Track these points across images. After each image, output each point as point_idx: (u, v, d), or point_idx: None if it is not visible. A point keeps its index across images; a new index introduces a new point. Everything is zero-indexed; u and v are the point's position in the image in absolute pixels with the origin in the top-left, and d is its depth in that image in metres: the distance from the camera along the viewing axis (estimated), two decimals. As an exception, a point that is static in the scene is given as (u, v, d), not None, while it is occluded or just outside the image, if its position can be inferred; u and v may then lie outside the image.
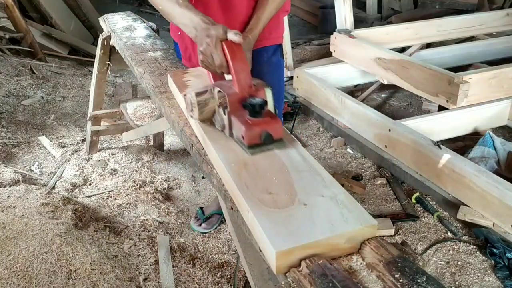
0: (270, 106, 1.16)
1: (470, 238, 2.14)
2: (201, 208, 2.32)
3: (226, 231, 2.22)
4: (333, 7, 3.59)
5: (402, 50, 3.68)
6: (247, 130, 1.07)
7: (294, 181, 1.00)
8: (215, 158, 1.14)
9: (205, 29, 1.21)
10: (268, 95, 1.16)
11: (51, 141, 2.96)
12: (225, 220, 2.19)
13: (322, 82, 3.18)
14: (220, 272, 1.99)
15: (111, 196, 2.42)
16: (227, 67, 1.19)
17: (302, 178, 1.01)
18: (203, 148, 1.24)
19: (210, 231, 2.22)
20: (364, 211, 0.91)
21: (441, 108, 2.78)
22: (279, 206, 0.92)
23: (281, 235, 0.85)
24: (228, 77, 1.24)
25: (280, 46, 1.73)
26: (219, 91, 1.17)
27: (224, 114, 1.15)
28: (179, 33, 1.68)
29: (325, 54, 4.13)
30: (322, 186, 0.98)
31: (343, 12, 3.41)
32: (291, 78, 3.56)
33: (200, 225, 2.25)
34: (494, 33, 3.90)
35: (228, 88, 1.15)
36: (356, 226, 0.87)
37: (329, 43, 3.49)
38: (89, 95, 2.75)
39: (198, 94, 1.20)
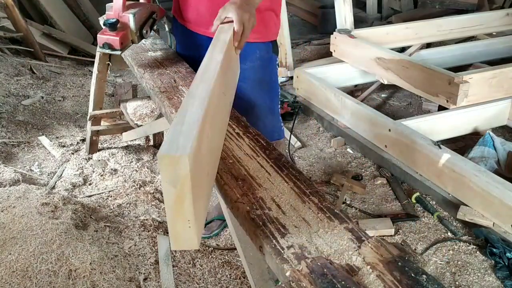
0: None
1: (470, 238, 2.14)
2: None
3: (226, 231, 2.21)
4: (333, 7, 3.59)
5: (402, 50, 3.68)
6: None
7: None
8: None
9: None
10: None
11: (51, 141, 2.96)
12: (227, 226, 2.16)
13: (322, 82, 3.18)
14: (220, 272, 1.98)
15: (111, 196, 2.42)
16: None
17: None
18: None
19: (210, 237, 2.18)
20: None
21: (441, 108, 2.78)
22: None
23: None
24: None
25: (273, 42, 1.80)
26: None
27: None
28: None
29: (325, 54, 4.12)
30: None
31: (343, 12, 3.41)
32: (291, 78, 3.56)
33: None
34: (494, 33, 3.90)
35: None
36: None
37: (329, 43, 3.49)
38: (89, 95, 2.74)
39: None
